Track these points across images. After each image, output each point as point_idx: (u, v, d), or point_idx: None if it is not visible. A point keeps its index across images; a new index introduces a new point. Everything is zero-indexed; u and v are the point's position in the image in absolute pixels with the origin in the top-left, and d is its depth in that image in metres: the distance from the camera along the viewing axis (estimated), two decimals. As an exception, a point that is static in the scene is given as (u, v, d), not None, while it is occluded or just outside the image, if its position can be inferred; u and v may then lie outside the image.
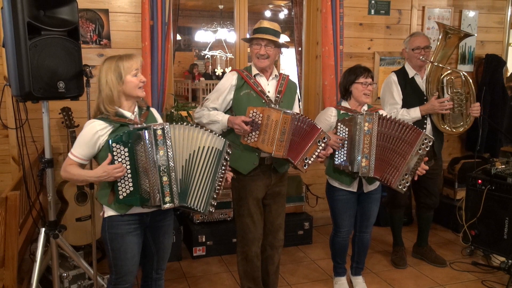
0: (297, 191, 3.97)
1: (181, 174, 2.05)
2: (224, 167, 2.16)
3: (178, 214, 3.81)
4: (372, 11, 4.29)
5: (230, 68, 8.55)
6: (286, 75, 2.75)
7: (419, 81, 3.36)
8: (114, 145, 1.95)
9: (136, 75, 2.08)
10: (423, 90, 3.32)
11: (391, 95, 3.34)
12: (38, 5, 2.28)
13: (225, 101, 2.62)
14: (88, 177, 2.03)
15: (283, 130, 2.41)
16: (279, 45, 2.63)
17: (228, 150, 2.17)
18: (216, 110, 2.60)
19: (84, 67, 2.40)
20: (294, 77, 3.92)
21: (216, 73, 10.17)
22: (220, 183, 2.15)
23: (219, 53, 10.51)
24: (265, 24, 2.59)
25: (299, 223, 3.93)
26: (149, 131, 1.95)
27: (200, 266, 3.52)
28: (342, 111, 2.85)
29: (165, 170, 1.97)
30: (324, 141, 2.50)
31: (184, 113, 3.85)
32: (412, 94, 3.33)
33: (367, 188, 2.90)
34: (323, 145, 2.50)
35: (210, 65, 11.45)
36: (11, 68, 2.26)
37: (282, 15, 9.98)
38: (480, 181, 3.51)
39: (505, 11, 4.78)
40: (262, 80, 2.65)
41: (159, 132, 1.96)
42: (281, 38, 2.64)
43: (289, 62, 10.00)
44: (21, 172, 2.86)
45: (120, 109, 2.09)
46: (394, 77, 3.37)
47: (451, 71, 3.27)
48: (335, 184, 2.89)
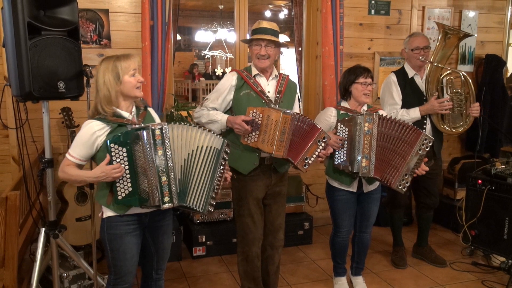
0: (297, 191, 3.97)
1: (180, 174, 2.04)
2: (223, 167, 2.16)
3: (178, 214, 3.81)
4: (372, 11, 4.29)
5: (230, 68, 8.54)
6: (286, 75, 2.75)
7: (419, 81, 3.36)
8: (112, 146, 1.94)
9: (134, 75, 2.07)
10: (423, 90, 3.32)
11: (391, 96, 3.34)
12: (38, 5, 2.28)
13: (225, 102, 2.62)
14: (86, 178, 2.03)
15: (283, 130, 2.41)
16: (279, 45, 2.63)
17: (227, 150, 2.16)
18: (216, 110, 2.61)
19: (84, 67, 2.41)
20: (294, 77, 3.92)
21: (216, 73, 10.17)
22: (219, 183, 2.15)
23: (219, 53, 10.51)
24: (264, 25, 2.59)
25: (299, 223, 3.92)
26: (148, 131, 1.94)
27: (200, 266, 3.52)
28: (342, 111, 2.85)
29: (164, 170, 1.96)
30: (324, 141, 2.50)
31: (184, 113, 3.85)
32: (412, 94, 3.33)
33: (367, 188, 2.90)
34: (323, 145, 2.50)
35: (210, 65, 11.45)
36: (11, 68, 2.26)
37: (282, 15, 9.98)
38: (480, 181, 3.51)
39: (505, 11, 4.78)
40: (262, 80, 2.64)
41: (158, 132, 1.95)
42: (281, 38, 2.64)
43: (289, 62, 10.00)
44: (21, 172, 2.86)
45: (118, 110, 2.08)
46: (394, 78, 3.37)
47: (451, 71, 3.26)
48: (335, 184, 2.89)
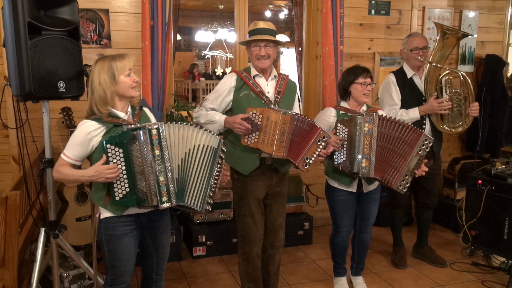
0: (297, 191, 3.96)
1: (178, 173, 2.04)
2: (220, 165, 2.15)
3: (178, 214, 3.81)
4: (373, 11, 4.29)
5: (231, 68, 8.55)
6: (286, 75, 2.75)
7: (418, 82, 3.35)
8: (109, 146, 1.93)
9: (129, 75, 2.06)
10: (422, 91, 3.32)
11: (390, 96, 3.34)
12: (39, 5, 2.28)
13: (224, 102, 2.62)
14: (80, 177, 2.01)
15: (283, 131, 2.41)
16: (278, 44, 2.63)
17: (223, 148, 2.16)
18: (214, 111, 2.61)
19: (85, 67, 2.41)
20: (294, 77, 3.92)
21: (216, 73, 10.17)
22: (216, 181, 2.14)
23: (219, 53, 10.52)
24: (261, 25, 2.59)
25: (299, 223, 3.92)
26: (144, 131, 1.93)
27: (200, 266, 3.52)
28: (342, 112, 2.85)
29: (162, 170, 1.95)
30: (324, 140, 2.50)
31: (184, 113, 3.85)
32: (411, 95, 3.32)
33: (367, 188, 2.90)
34: (324, 144, 2.50)
35: (210, 65, 11.45)
36: (12, 68, 2.26)
37: (282, 15, 9.99)
38: (480, 182, 3.50)
39: (505, 12, 4.78)
40: (262, 81, 2.64)
41: (154, 132, 1.94)
42: (281, 38, 2.64)
43: (289, 62, 10.00)
44: (21, 172, 2.86)
45: (114, 110, 2.06)
46: (393, 78, 3.36)
47: (450, 71, 3.26)
48: (335, 185, 2.89)
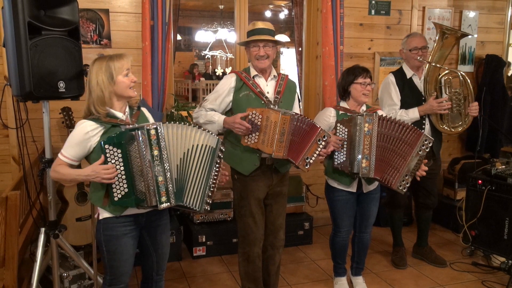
0: (297, 191, 3.96)
1: (176, 173, 2.04)
2: (218, 165, 2.15)
3: (178, 214, 3.81)
4: (373, 12, 4.29)
5: (231, 68, 8.54)
6: (285, 75, 2.75)
7: (417, 82, 3.35)
8: (107, 147, 1.92)
9: (127, 75, 2.05)
10: (421, 91, 3.32)
11: (389, 96, 3.33)
12: (39, 5, 2.28)
13: (224, 103, 2.62)
14: (77, 176, 2.01)
15: (283, 131, 2.41)
16: (277, 44, 2.63)
17: (221, 148, 2.16)
18: (214, 111, 2.61)
19: (85, 67, 2.41)
20: (295, 77, 3.92)
21: (216, 73, 10.17)
22: (215, 181, 2.14)
23: (219, 53, 10.51)
24: (260, 25, 2.59)
25: (299, 223, 3.92)
26: (143, 131, 1.93)
27: (200, 266, 3.52)
28: (341, 112, 2.85)
29: (160, 170, 1.95)
30: (324, 139, 2.50)
31: (184, 113, 3.85)
32: (410, 95, 3.32)
33: (367, 188, 2.89)
34: (324, 144, 2.50)
35: (210, 65, 11.45)
36: (12, 68, 2.27)
37: (283, 15, 9.98)
38: (480, 182, 3.50)
39: (506, 12, 4.78)
40: (261, 81, 2.64)
41: (153, 132, 1.94)
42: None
43: (289, 62, 10.00)
44: (22, 172, 2.86)
45: (112, 110, 2.05)
46: (392, 78, 3.36)
47: (449, 71, 3.26)
48: (334, 185, 2.89)
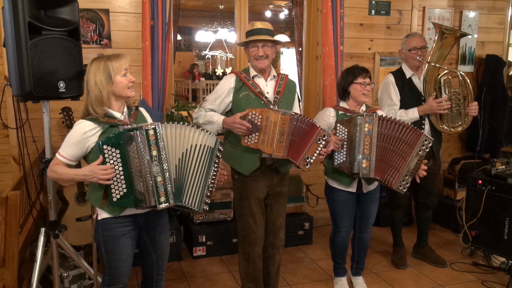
0: (297, 191, 3.96)
1: (175, 174, 2.04)
2: (217, 165, 2.15)
3: (178, 214, 3.81)
4: (373, 12, 4.29)
5: (231, 69, 8.53)
6: (285, 75, 2.75)
7: (417, 82, 3.35)
8: (105, 147, 1.92)
9: (125, 75, 2.05)
10: (421, 91, 3.31)
11: (389, 96, 3.33)
12: (39, 5, 2.28)
13: (223, 103, 2.62)
14: (74, 176, 2.01)
15: (282, 131, 2.41)
16: (276, 43, 2.63)
17: (220, 147, 2.16)
18: (213, 111, 2.61)
19: (85, 67, 2.39)
20: (295, 78, 3.92)
21: (217, 73, 10.17)
22: (213, 181, 2.14)
23: (220, 53, 10.51)
24: (258, 25, 2.60)
25: (299, 223, 3.92)
26: (141, 132, 1.92)
27: (200, 266, 3.52)
28: (341, 112, 2.84)
29: (159, 170, 1.95)
30: (324, 139, 2.50)
31: (185, 113, 3.85)
32: (410, 95, 3.32)
33: (367, 188, 2.89)
34: (324, 143, 2.50)
35: (210, 65, 11.45)
36: (12, 68, 2.27)
37: (283, 15, 9.98)
38: (481, 182, 3.50)
39: (506, 12, 4.78)
40: (261, 81, 2.65)
41: (151, 132, 1.93)
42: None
43: (289, 62, 10.00)
44: (22, 172, 2.86)
45: (110, 110, 2.05)
46: (392, 78, 3.36)
47: (448, 71, 3.26)
48: (334, 185, 2.89)
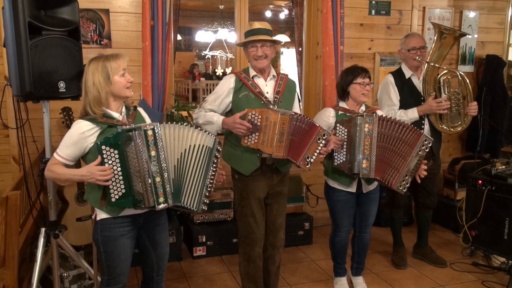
0: (298, 192, 3.96)
1: (174, 174, 2.04)
2: (215, 165, 2.15)
3: (179, 214, 3.81)
4: (373, 12, 4.29)
5: (231, 69, 8.53)
6: (285, 74, 2.75)
7: (416, 82, 3.35)
8: (104, 148, 1.91)
9: (124, 75, 2.04)
10: (420, 91, 3.31)
11: (388, 96, 3.33)
12: (39, 5, 2.29)
13: (223, 104, 2.62)
14: (72, 176, 2.00)
15: (282, 131, 2.41)
16: (274, 43, 2.63)
17: (218, 148, 2.16)
18: (213, 112, 2.61)
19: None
20: (295, 78, 3.92)
21: (217, 73, 10.16)
22: (212, 181, 2.14)
23: (220, 53, 10.50)
24: (256, 25, 2.60)
25: (300, 224, 3.92)
26: (140, 132, 1.92)
27: (201, 266, 3.52)
28: (341, 112, 2.84)
29: (158, 171, 1.95)
30: (324, 138, 2.50)
31: (185, 113, 3.85)
32: (409, 95, 3.32)
33: (366, 188, 2.89)
34: (324, 142, 2.50)
35: (211, 65, 11.45)
36: (12, 68, 2.27)
37: (283, 16, 9.98)
38: (481, 182, 3.50)
39: (506, 12, 4.78)
40: (260, 81, 2.65)
41: (150, 133, 1.93)
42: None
43: (290, 62, 10.00)
44: (22, 172, 2.85)
45: (108, 110, 2.04)
46: (391, 78, 3.36)
47: (448, 71, 3.26)
48: (334, 185, 2.89)
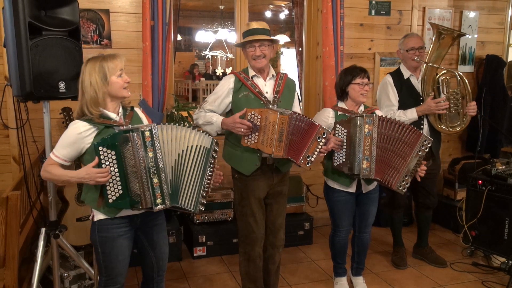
0: (298, 192, 3.95)
1: (171, 175, 2.03)
2: (213, 165, 2.14)
3: (179, 215, 3.81)
4: (373, 12, 4.29)
5: (231, 69, 8.53)
6: (284, 74, 2.75)
7: (415, 82, 3.35)
8: (101, 148, 1.90)
9: (121, 76, 2.03)
10: (419, 91, 3.31)
11: (387, 97, 3.33)
12: (39, 5, 2.29)
13: (223, 104, 2.63)
14: (70, 178, 1.99)
15: (281, 131, 2.41)
16: (273, 42, 2.64)
17: (216, 148, 2.16)
18: (213, 112, 2.61)
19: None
20: (295, 78, 3.92)
21: (217, 73, 10.16)
22: (209, 181, 2.13)
23: (220, 53, 10.50)
24: (254, 25, 2.61)
25: (300, 224, 3.92)
26: (137, 133, 1.91)
27: (201, 267, 3.52)
28: (340, 112, 2.84)
29: (155, 172, 1.94)
30: (324, 136, 2.49)
31: (185, 113, 3.85)
32: (408, 95, 3.32)
33: (366, 189, 2.90)
34: (324, 141, 2.50)
35: (211, 65, 11.45)
36: (12, 68, 2.27)
37: (283, 16, 9.97)
38: (481, 182, 3.50)
39: (506, 12, 4.78)
40: (260, 81, 2.65)
41: (147, 134, 1.93)
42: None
43: (290, 63, 10.00)
44: (22, 172, 2.86)
45: (105, 111, 2.03)
46: (390, 79, 3.36)
47: (446, 71, 3.26)
48: (334, 185, 2.89)
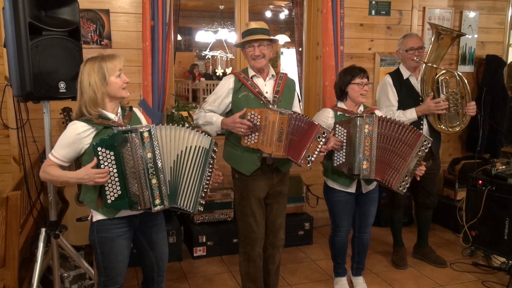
0: (298, 192, 3.95)
1: (170, 175, 2.03)
2: (211, 166, 2.14)
3: (179, 215, 3.81)
4: (373, 12, 4.29)
5: (231, 69, 8.53)
6: (284, 74, 2.75)
7: (414, 82, 3.35)
8: (99, 149, 1.90)
9: (120, 76, 2.03)
10: (418, 91, 3.31)
11: (387, 97, 3.33)
12: (39, 5, 2.29)
13: (223, 104, 2.63)
14: (68, 178, 1.98)
15: (281, 131, 2.42)
16: (272, 42, 2.64)
17: (215, 148, 2.15)
18: (213, 112, 2.62)
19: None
20: (295, 78, 3.92)
21: (217, 73, 10.16)
22: (208, 182, 2.13)
23: (220, 54, 10.51)
24: (253, 25, 2.61)
25: (300, 224, 3.92)
26: (136, 134, 1.92)
27: (201, 267, 3.52)
28: (339, 112, 2.84)
29: (154, 173, 1.94)
30: (324, 136, 2.49)
31: (185, 113, 3.85)
32: (408, 95, 3.32)
33: (366, 189, 2.90)
34: (324, 140, 2.50)
35: (211, 66, 11.45)
36: (12, 68, 2.27)
37: (283, 16, 9.97)
38: (481, 182, 3.50)
39: (506, 12, 4.78)
40: (259, 81, 2.65)
41: (146, 135, 1.93)
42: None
43: (290, 63, 10.00)
44: (22, 172, 2.86)
45: (104, 111, 2.03)
46: (389, 79, 3.36)
47: (446, 71, 3.26)
48: (334, 186, 2.89)
